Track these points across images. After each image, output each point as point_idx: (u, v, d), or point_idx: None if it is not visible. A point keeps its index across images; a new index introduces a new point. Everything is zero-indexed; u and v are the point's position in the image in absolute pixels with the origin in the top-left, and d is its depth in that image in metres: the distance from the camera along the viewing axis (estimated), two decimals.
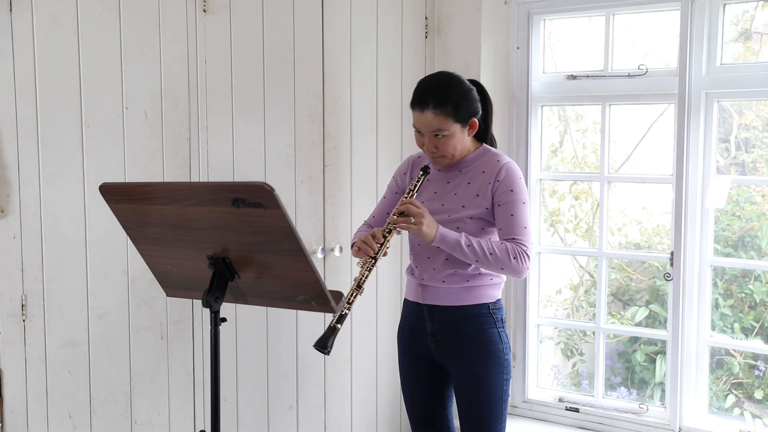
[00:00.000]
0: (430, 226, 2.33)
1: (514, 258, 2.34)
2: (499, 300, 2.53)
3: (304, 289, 1.90)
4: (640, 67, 3.29)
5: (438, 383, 2.60)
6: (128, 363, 2.64)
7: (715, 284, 3.54)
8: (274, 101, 2.98)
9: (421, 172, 2.46)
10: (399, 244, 3.49)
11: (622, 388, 3.84)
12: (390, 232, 2.36)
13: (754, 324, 3.73)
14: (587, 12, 3.47)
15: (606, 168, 3.42)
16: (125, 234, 2.06)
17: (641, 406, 3.40)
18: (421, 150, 2.55)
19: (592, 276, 4.17)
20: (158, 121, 2.66)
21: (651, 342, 3.92)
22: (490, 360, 2.47)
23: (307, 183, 3.10)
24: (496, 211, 2.43)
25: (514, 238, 2.38)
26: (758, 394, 3.65)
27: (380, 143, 3.38)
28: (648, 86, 3.27)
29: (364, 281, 2.31)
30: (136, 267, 2.59)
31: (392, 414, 3.54)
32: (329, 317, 3.17)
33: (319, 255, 3.15)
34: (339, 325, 2.22)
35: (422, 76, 3.52)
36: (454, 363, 2.52)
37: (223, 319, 1.96)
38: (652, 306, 3.98)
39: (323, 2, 3.11)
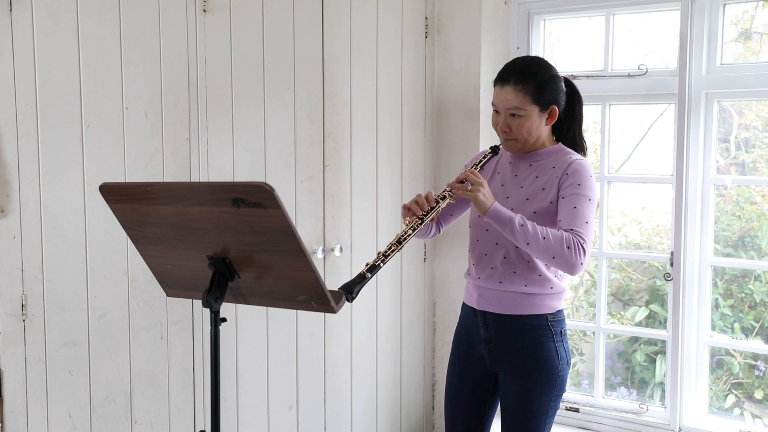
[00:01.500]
0: (486, 197, 2.22)
1: (569, 248, 2.18)
2: (560, 311, 2.40)
3: (304, 289, 1.89)
4: (640, 67, 3.29)
5: (485, 392, 2.51)
6: (128, 363, 2.64)
7: (715, 284, 3.54)
8: (274, 101, 2.98)
9: (490, 150, 2.39)
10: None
11: (622, 388, 3.84)
12: (444, 198, 2.27)
13: (754, 324, 3.73)
14: (587, 12, 3.47)
15: (606, 168, 3.42)
16: (125, 234, 2.06)
17: (641, 406, 3.40)
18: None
19: (592, 276, 4.16)
20: (158, 121, 2.66)
21: (651, 342, 3.92)
22: (543, 376, 2.36)
23: (307, 183, 3.10)
24: (560, 204, 2.30)
25: (572, 229, 2.23)
26: (758, 394, 3.65)
27: (380, 143, 3.38)
28: (648, 86, 3.27)
29: (406, 240, 2.20)
30: (136, 267, 2.59)
31: (392, 414, 3.54)
32: (329, 317, 3.18)
33: (319, 255, 3.15)
34: (369, 275, 2.11)
35: (422, 76, 3.55)
36: (505, 372, 2.42)
37: (223, 319, 1.96)
38: (652, 306, 3.97)
39: (323, 2, 3.11)
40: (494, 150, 2.40)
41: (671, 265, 3.21)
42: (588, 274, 4.24)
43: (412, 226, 2.23)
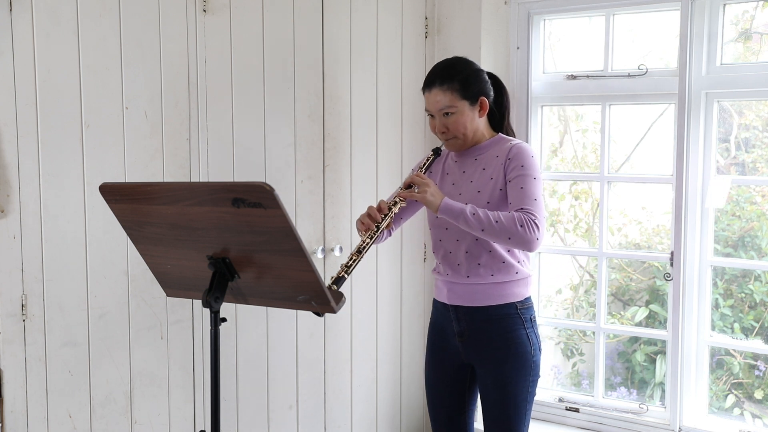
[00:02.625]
0: (434, 195, 2.33)
1: (521, 226, 2.26)
2: (528, 298, 2.50)
3: (304, 289, 1.89)
4: (640, 67, 3.29)
5: (463, 384, 2.60)
6: (128, 363, 2.64)
7: (715, 284, 3.54)
8: (274, 101, 2.98)
9: (432, 152, 2.49)
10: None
11: (622, 388, 3.84)
12: (396, 204, 2.37)
13: (754, 324, 3.73)
14: (587, 12, 3.47)
15: (606, 168, 3.42)
16: (125, 234, 2.06)
17: (641, 406, 3.40)
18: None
19: (592, 276, 4.16)
20: (158, 121, 2.66)
21: (651, 342, 3.92)
22: (517, 363, 2.45)
23: (307, 183, 3.10)
24: (508, 188, 2.40)
25: (522, 208, 2.32)
26: (758, 394, 3.65)
27: (380, 143, 3.38)
28: (648, 86, 3.27)
29: (366, 248, 2.31)
30: (136, 267, 2.59)
31: (392, 414, 3.54)
32: (329, 317, 3.18)
33: (319, 255, 3.15)
34: (335, 287, 2.20)
35: (422, 76, 3.54)
36: (480, 363, 2.51)
37: (223, 319, 1.96)
38: (652, 306, 3.97)
39: (323, 2, 3.11)
40: (436, 151, 2.51)
41: (671, 265, 3.21)
42: (588, 274, 4.24)
43: (369, 235, 2.34)
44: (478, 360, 2.51)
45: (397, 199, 2.38)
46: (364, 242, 2.32)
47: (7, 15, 2.31)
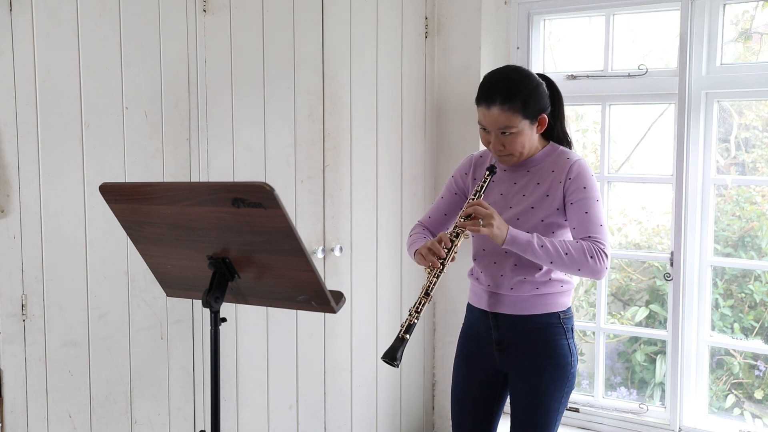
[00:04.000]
0: (500, 228, 2.20)
1: (592, 258, 2.19)
2: (569, 308, 2.42)
3: (304, 289, 1.89)
4: (640, 67, 3.29)
5: (493, 391, 2.50)
6: (128, 363, 2.64)
7: (715, 284, 3.54)
8: (274, 101, 2.98)
9: (488, 172, 2.33)
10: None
11: (622, 388, 3.84)
12: (458, 236, 2.24)
13: (754, 324, 3.73)
14: (587, 12, 3.47)
15: (606, 168, 3.42)
16: (125, 234, 2.06)
17: (641, 406, 3.40)
18: (483, 148, 2.47)
19: None
20: (158, 121, 2.66)
21: (651, 342, 3.92)
22: (556, 373, 2.36)
23: (307, 183, 3.10)
24: (569, 210, 2.30)
25: (590, 237, 2.24)
26: (758, 394, 3.65)
27: (380, 143, 3.38)
28: (648, 86, 3.27)
29: (433, 288, 2.21)
30: (136, 267, 2.59)
31: (392, 414, 3.54)
32: (329, 317, 3.18)
33: (319, 255, 3.14)
34: (408, 336, 2.14)
35: (422, 76, 3.55)
36: (517, 372, 2.42)
37: (223, 319, 1.96)
38: (652, 306, 3.97)
39: (323, 2, 3.11)
40: (491, 170, 2.34)
41: (671, 265, 3.21)
42: None
43: (435, 274, 2.22)
44: (515, 368, 2.42)
45: (459, 231, 2.24)
46: (431, 282, 2.21)
47: (7, 15, 2.31)
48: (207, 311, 1.96)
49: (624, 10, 3.35)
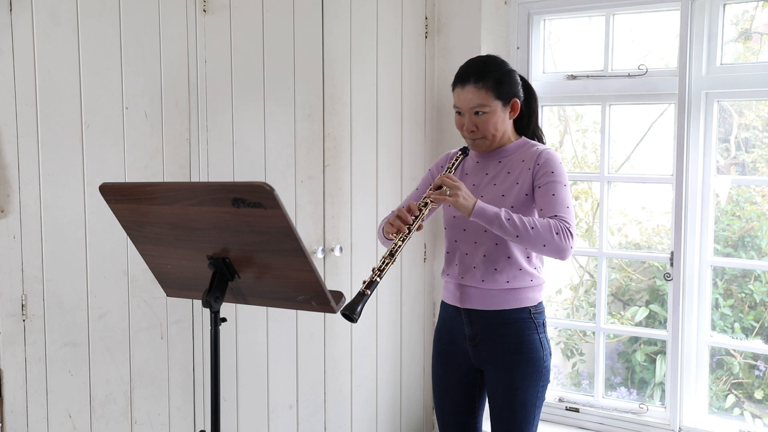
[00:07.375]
0: (467, 199, 2.25)
1: (557, 234, 2.23)
2: (540, 303, 2.46)
3: (304, 289, 1.89)
4: (640, 67, 3.29)
5: (471, 389, 2.54)
6: (128, 363, 2.64)
7: (715, 284, 3.54)
8: (274, 101, 2.98)
9: (460, 152, 2.42)
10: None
11: (622, 388, 3.84)
12: (426, 205, 2.29)
13: (754, 324, 3.73)
14: (587, 12, 3.47)
15: (606, 168, 3.42)
16: (125, 234, 2.06)
17: (641, 406, 3.40)
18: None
19: (592, 276, 4.16)
20: (158, 121, 2.67)
21: (651, 342, 3.92)
22: (529, 367, 2.40)
23: (307, 183, 3.10)
24: (537, 194, 2.35)
25: (556, 216, 2.28)
26: (758, 394, 3.65)
27: (380, 143, 3.38)
28: (648, 86, 3.27)
29: (397, 251, 2.23)
30: (136, 267, 2.59)
31: (392, 414, 3.54)
32: (329, 317, 3.18)
33: (319, 255, 3.15)
34: (368, 292, 2.13)
35: (422, 76, 3.55)
36: (491, 368, 2.46)
37: (223, 319, 1.96)
38: (652, 306, 3.97)
39: (323, 2, 3.11)
40: (464, 151, 2.43)
41: (671, 265, 3.21)
42: (588, 274, 4.24)
43: (401, 237, 2.26)
44: (489, 364, 2.46)
45: (428, 200, 2.29)
46: (395, 245, 2.23)
47: (7, 15, 2.31)
48: (207, 311, 1.96)
49: (624, 10, 3.35)
